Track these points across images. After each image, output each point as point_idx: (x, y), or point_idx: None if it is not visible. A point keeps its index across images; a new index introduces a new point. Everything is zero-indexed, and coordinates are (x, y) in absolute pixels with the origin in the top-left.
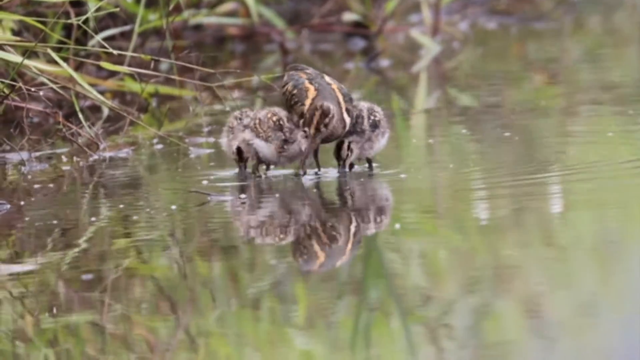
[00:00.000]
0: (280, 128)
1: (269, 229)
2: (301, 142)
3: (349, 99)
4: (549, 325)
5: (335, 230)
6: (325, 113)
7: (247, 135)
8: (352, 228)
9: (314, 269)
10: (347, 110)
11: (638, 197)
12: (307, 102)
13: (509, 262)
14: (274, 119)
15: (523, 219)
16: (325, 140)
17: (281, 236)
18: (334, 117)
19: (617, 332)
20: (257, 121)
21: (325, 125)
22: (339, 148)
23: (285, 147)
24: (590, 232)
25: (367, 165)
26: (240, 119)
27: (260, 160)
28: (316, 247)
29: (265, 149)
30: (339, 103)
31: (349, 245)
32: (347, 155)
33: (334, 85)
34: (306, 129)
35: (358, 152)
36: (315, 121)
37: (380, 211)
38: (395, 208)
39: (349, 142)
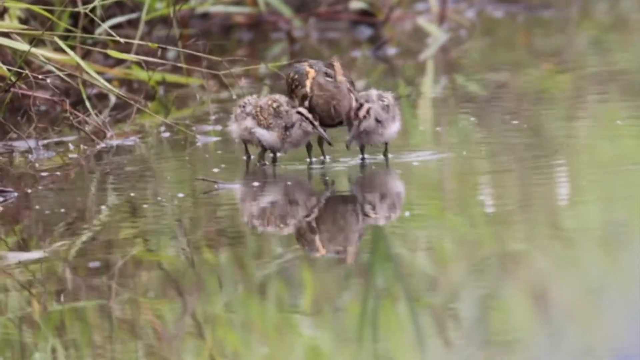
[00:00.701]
0: (279, 114)
1: (276, 216)
2: (296, 124)
3: (353, 87)
4: (557, 313)
5: (342, 217)
6: (336, 100)
7: (249, 123)
8: (360, 215)
9: (320, 255)
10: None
11: None
12: (307, 83)
13: (517, 249)
14: (274, 105)
15: (531, 207)
16: (331, 123)
17: (287, 223)
18: (340, 99)
19: (625, 321)
20: (259, 109)
21: (346, 73)
22: (357, 109)
23: (287, 132)
24: (598, 220)
25: (381, 154)
26: (243, 106)
27: (264, 148)
28: (323, 234)
29: (268, 136)
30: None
31: (357, 232)
32: (365, 117)
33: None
34: (334, 79)
35: (374, 123)
36: (338, 67)
37: (388, 198)
38: (403, 195)
39: (369, 107)
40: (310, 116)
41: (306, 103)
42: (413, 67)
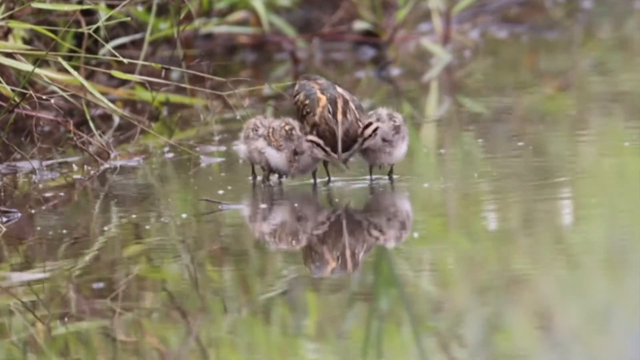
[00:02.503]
0: (290, 137)
1: (280, 236)
2: (306, 152)
3: (360, 111)
4: (561, 336)
5: (347, 238)
6: (345, 101)
7: (260, 144)
8: (365, 236)
9: (325, 276)
10: (359, 120)
11: None
12: (318, 111)
13: (521, 271)
14: (287, 128)
15: (535, 228)
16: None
17: (293, 243)
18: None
19: (630, 343)
20: (271, 130)
21: (350, 111)
22: (365, 127)
23: (296, 157)
24: (603, 241)
25: (386, 176)
26: (255, 129)
27: (271, 170)
28: (328, 255)
29: (277, 157)
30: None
31: (361, 254)
32: (371, 135)
33: (346, 96)
34: (334, 118)
35: (379, 140)
36: (340, 107)
37: (394, 220)
38: (408, 217)
39: (377, 127)
40: (321, 142)
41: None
42: (417, 88)
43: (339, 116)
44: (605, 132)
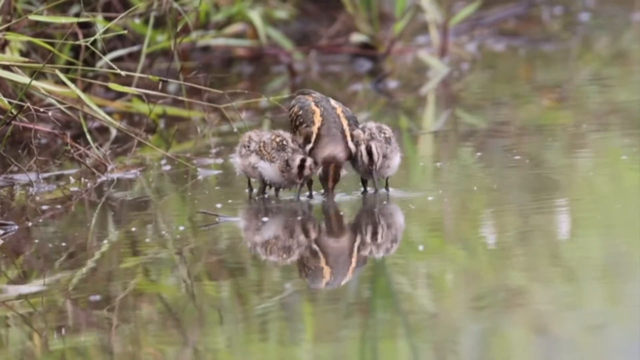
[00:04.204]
0: (283, 148)
1: (276, 249)
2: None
3: (353, 122)
4: (557, 349)
5: (343, 250)
6: (338, 165)
7: (253, 159)
8: (360, 249)
9: (321, 288)
10: (352, 136)
11: None
12: (314, 129)
13: (517, 283)
14: (277, 139)
15: (531, 241)
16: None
17: (288, 256)
18: (344, 160)
19: (628, 357)
20: (262, 144)
21: (341, 174)
22: (369, 154)
23: (287, 167)
24: (600, 255)
25: (383, 188)
26: (248, 146)
27: (265, 183)
28: (324, 267)
29: (270, 169)
30: (342, 131)
31: (357, 266)
32: (379, 157)
33: (339, 109)
34: (324, 182)
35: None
36: (332, 174)
37: (390, 232)
38: (405, 230)
39: (373, 146)
40: (309, 173)
41: (308, 147)
42: (414, 101)
43: (331, 183)
44: (602, 145)
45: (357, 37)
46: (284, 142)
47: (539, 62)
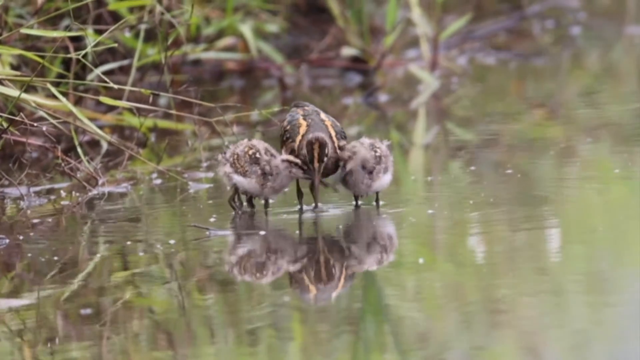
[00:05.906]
0: (256, 161)
1: (267, 263)
2: (284, 173)
3: (341, 137)
4: None
5: (333, 264)
6: (322, 144)
7: (228, 169)
8: (351, 263)
9: (312, 303)
10: (340, 148)
11: (634, 235)
12: (298, 139)
13: (505, 298)
14: (250, 152)
15: (520, 255)
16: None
17: (277, 271)
18: (329, 146)
19: None
20: (235, 156)
21: (326, 155)
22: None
23: (266, 179)
24: (589, 270)
25: (373, 202)
26: (224, 152)
27: (237, 191)
28: (314, 282)
29: (245, 183)
30: (330, 137)
31: (347, 280)
32: (350, 157)
33: (328, 121)
34: (310, 164)
35: (361, 168)
36: (316, 154)
37: (379, 246)
38: (395, 244)
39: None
40: (298, 161)
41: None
42: (404, 114)
43: (316, 164)
44: (592, 160)
45: (347, 51)
46: (257, 155)
47: (529, 76)
